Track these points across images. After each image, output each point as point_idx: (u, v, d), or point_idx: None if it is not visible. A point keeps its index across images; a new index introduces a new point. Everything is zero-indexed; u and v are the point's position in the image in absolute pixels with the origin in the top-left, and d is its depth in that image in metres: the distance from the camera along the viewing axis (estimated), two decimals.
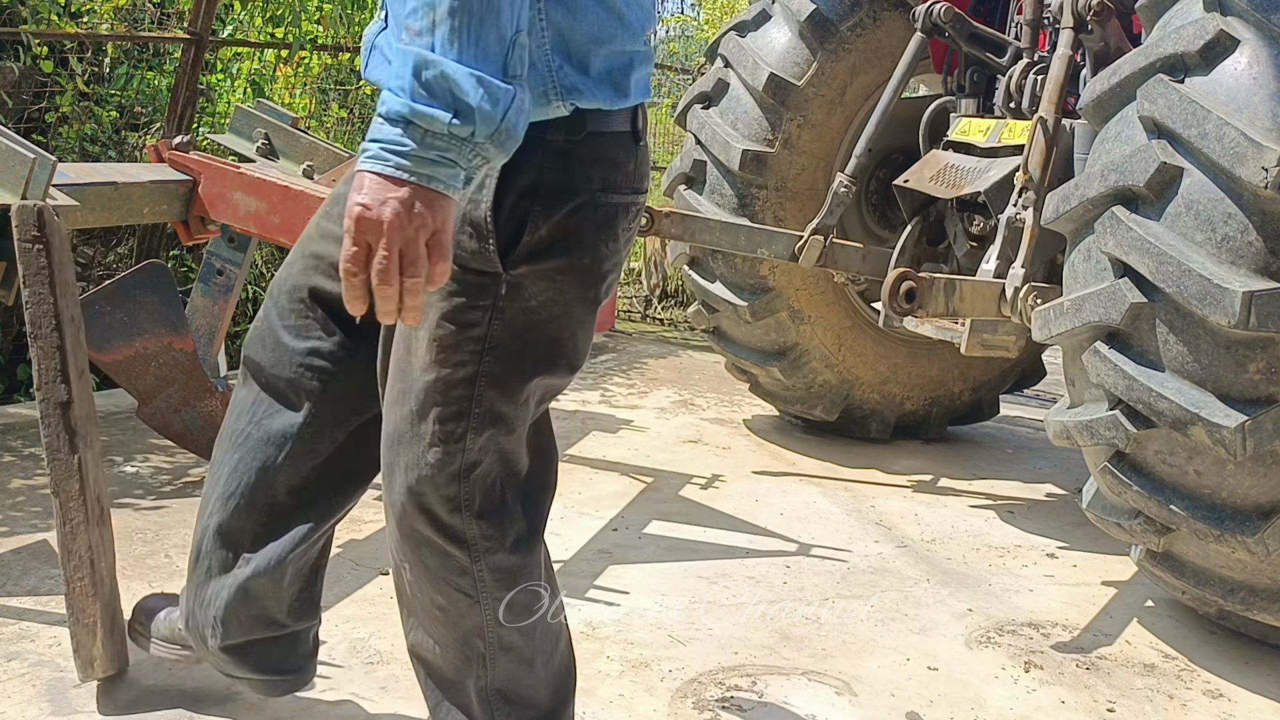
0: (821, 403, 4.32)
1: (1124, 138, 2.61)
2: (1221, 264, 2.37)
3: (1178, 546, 2.68)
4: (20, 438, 3.75)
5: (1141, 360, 2.52)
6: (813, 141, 4.05)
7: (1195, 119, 2.40)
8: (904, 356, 4.36)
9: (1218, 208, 2.39)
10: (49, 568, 2.76)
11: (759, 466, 4.06)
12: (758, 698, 2.44)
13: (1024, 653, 2.77)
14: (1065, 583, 3.24)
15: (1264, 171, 2.28)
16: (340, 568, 2.86)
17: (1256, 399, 2.40)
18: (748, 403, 4.88)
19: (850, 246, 3.86)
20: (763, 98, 3.98)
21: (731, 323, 4.22)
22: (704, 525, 3.43)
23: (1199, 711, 2.56)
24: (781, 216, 4.05)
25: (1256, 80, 2.37)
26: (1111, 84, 2.66)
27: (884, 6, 4.04)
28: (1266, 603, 2.62)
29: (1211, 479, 2.49)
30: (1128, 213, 2.52)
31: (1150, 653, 2.83)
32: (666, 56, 10.22)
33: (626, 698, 2.39)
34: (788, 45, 4.03)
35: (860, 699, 2.47)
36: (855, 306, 4.25)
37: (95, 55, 4.87)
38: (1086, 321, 2.59)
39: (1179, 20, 2.57)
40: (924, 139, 3.94)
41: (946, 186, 3.61)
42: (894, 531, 3.53)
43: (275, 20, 5.50)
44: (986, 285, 3.16)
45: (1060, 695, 2.58)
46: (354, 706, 2.25)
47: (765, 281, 4.11)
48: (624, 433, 4.34)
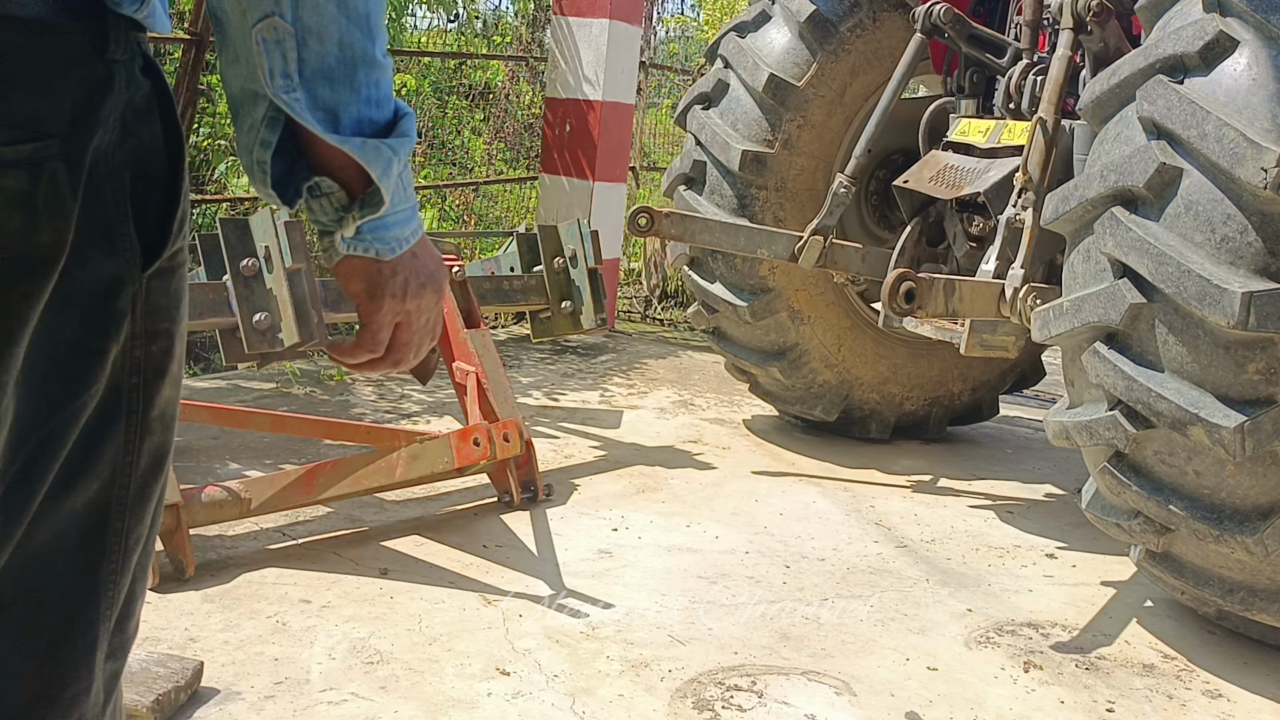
0: (821, 403, 4.32)
1: (1123, 138, 2.61)
2: (1221, 264, 2.37)
3: (1177, 547, 2.68)
4: None
5: (1141, 361, 2.52)
6: (812, 142, 4.05)
7: (1195, 120, 2.40)
8: (904, 357, 4.36)
9: (1217, 208, 2.39)
10: None
11: (759, 466, 4.06)
12: (758, 698, 2.44)
13: (1023, 653, 2.77)
14: (1064, 583, 3.25)
15: (1263, 172, 2.29)
16: (340, 567, 2.87)
17: (1255, 399, 2.40)
18: (748, 403, 4.88)
19: (850, 247, 3.86)
20: (762, 98, 3.98)
21: (731, 323, 4.22)
22: (704, 525, 3.43)
23: (1198, 711, 2.56)
24: (781, 217, 4.05)
25: (1256, 81, 2.37)
26: (1111, 85, 2.66)
27: (884, 7, 4.04)
28: (1266, 603, 2.62)
29: (1211, 479, 2.49)
30: (1127, 213, 2.52)
31: (1149, 653, 2.84)
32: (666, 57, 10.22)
33: (626, 698, 2.39)
34: (787, 46, 4.03)
35: (860, 699, 2.47)
36: (855, 307, 4.25)
37: None
38: (1086, 322, 2.59)
39: (1178, 21, 2.58)
40: (924, 140, 3.94)
41: (946, 187, 3.61)
42: (893, 531, 3.53)
43: None
44: (986, 286, 3.16)
45: (1060, 695, 2.58)
46: (354, 706, 2.25)
47: (765, 282, 4.11)
48: (624, 433, 4.34)
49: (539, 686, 2.40)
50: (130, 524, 0.96)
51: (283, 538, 3.03)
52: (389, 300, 1.04)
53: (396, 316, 1.05)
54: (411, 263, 1.04)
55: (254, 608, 2.61)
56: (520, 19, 7.67)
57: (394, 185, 0.97)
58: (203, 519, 2.80)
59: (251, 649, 2.43)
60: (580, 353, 5.71)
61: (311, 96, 0.92)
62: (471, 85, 7.49)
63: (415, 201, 1.04)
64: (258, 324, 2.89)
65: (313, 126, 0.92)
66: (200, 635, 2.46)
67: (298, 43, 0.90)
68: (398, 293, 1.04)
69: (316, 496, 2.96)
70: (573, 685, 2.41)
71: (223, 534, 2.99)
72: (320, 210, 0.99)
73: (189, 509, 2.76)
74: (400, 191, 0.99)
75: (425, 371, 4.16)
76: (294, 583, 2.76)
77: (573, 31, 5.97)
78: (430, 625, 2.61)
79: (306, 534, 3.07)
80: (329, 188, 0.98)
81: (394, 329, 1.07)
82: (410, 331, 1.07)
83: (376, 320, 1.05)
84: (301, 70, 0.91)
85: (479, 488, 3.52)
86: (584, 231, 3.86)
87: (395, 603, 2.71)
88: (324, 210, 0.99)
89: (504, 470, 3.41)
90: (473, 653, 2.51)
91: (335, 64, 0.92)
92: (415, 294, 1.05)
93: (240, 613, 2.58)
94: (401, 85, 6.49)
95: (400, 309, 1.05)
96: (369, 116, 0.95)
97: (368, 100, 0.95)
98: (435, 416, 4.28)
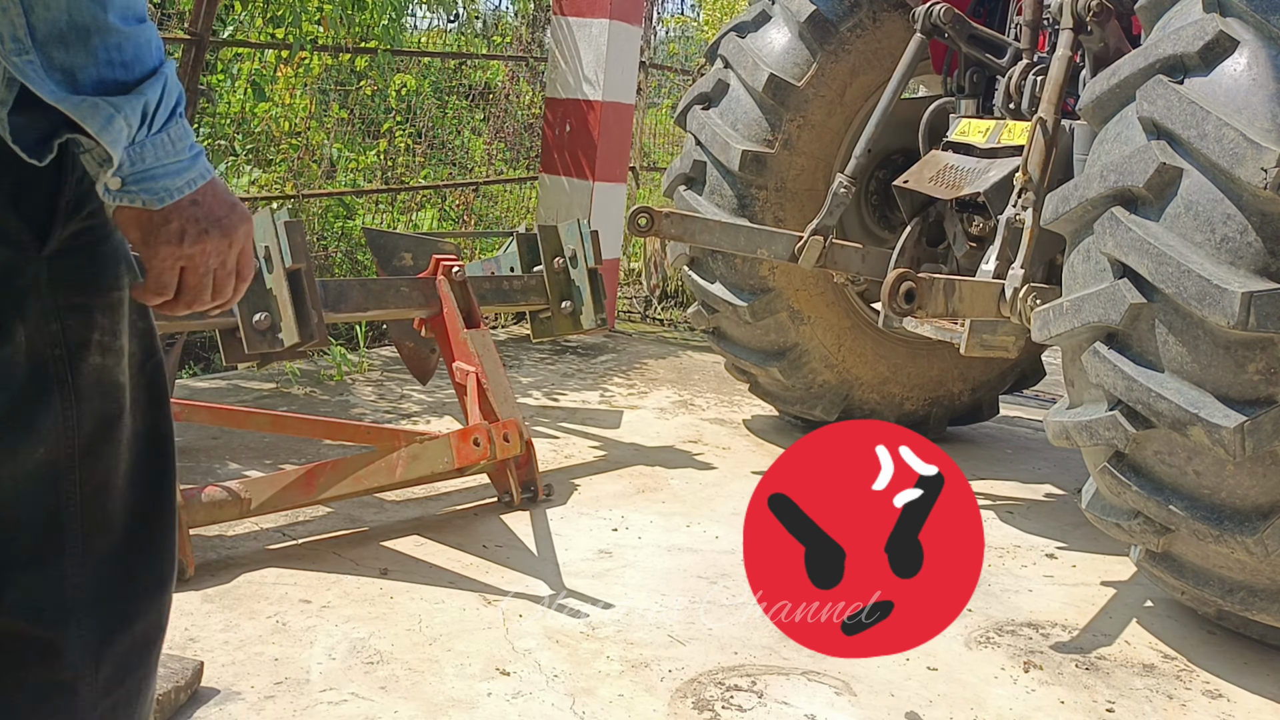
0: (821, 403, 4.32)
1: (1123, 138, 2.61)
2: (1221, 264, 2.37)
3: (1177, 547, 2.68)
4: None
5: (1141, 361, 2.52)
6: (812, 142, 4.05)
7: (1194, 120, 2.40)
8: (904, 357, 4.36)
9: (1217, 208, 2.39)
10: None
11: (759, 466, 4.06)
12: (758, 698, 2.44)
13: (1023, 653, 2.77)
14: (1064, 583, 3.25)
15: (1263, 172, 2.29)
16: (340, 567, 2.87)
17: (1255, 399, 2.40)
18: (748, 403, 4.88)
19: (850, 247, 3.86)
20: (762, 98, 3.98)
21: (731, 323, 4.23)
22: (704, 525, 3.43)
23: (1198, 711, 2.56)
24: (781, 217, 4.05)
25: (1256, 81, 2.37)
26: (1111, 85, 2.66)
27: (884, 7, 4.04)
28: (1266, 603, 2.62)
29: (1211, 479, 2.49)
30: (1127, 213, 2.52)
31: (1149, 653, 2.84)
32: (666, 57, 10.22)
33: (626, 698, 2.39)
34: (787, 46, 4.03)
35: (859, 699, 2.47)
36: (855, 307, 4.25)
37: None
38: (1086, 322, 2.59)
39: (1178, 21, 2.58)
40: (924, 140, 3.94)
41: (946, 187, 3.62)
42: None
43: (275, 21, 5.50)
44: (986, 286, 3.16)
45: (1060, 695, 2.58)
46: (354, 706, 2.25)
47: (765, 282, 4.11)
48: (624, 433, 4.34)
49: (539, 686, 2.40)
50: (84, 477, 1.11)
51: (283, 538, 3.03)
52: (164, 246, 1.08)
53: (179, 261, 1.10)
54: (190, 209, 1.08)
55: (254, 608, 2.61)
56: (520, 19, 7.68)
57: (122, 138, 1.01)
58: (203, 519, 2.80)
59: (251, 649, 2.43)
60: (580, 353, 5.71)
61: (47, 58, 0.97)
62: (471, 85, 7.50)
63: (194, 152, 1.08)
64: (258, 324, 2.89)
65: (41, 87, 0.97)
66: (200, 635, 2.46)
67: (24, 9, 0.95)
68: (173, 239, 1.08)
69: (316, 496, 2.96)
70: (573, 685, 2.41)
71: (223, 534, 2.99)
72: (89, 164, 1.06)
73: (189, 509, 2.76)
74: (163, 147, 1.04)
75: (425, 371, 4.16)
76: (294, 583, 2.76)
77: (573, 31, 5.97)
78: (430, 625, 2.61)
79: (306, 534, 3.07)
80: (87, 145, 1.03)
81: (180, 273, 1.11)
82: (198, 275, 1.12)
83: (156, 265, 1.10)
84: (33, 35, 0.96)
85: (479, 488, 3.52)
86: (584, 231, 3.86)
87: (395, 603, 2.71)
88: (90, 164, 1.06)
89: (504, 470, 3.41)
90: (473, 653, 2.51)
91: (66, 29, 0.97)
92: (195, 240, 1.09)
93: (240, 613, 2.58)
94: (401, 85, 6.50)
95: (180, 254, 1.09)
96: (112, 78, 0.99)
97: (109, 63, 0.99)
98: (435, 416, 4.28)
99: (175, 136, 1.06)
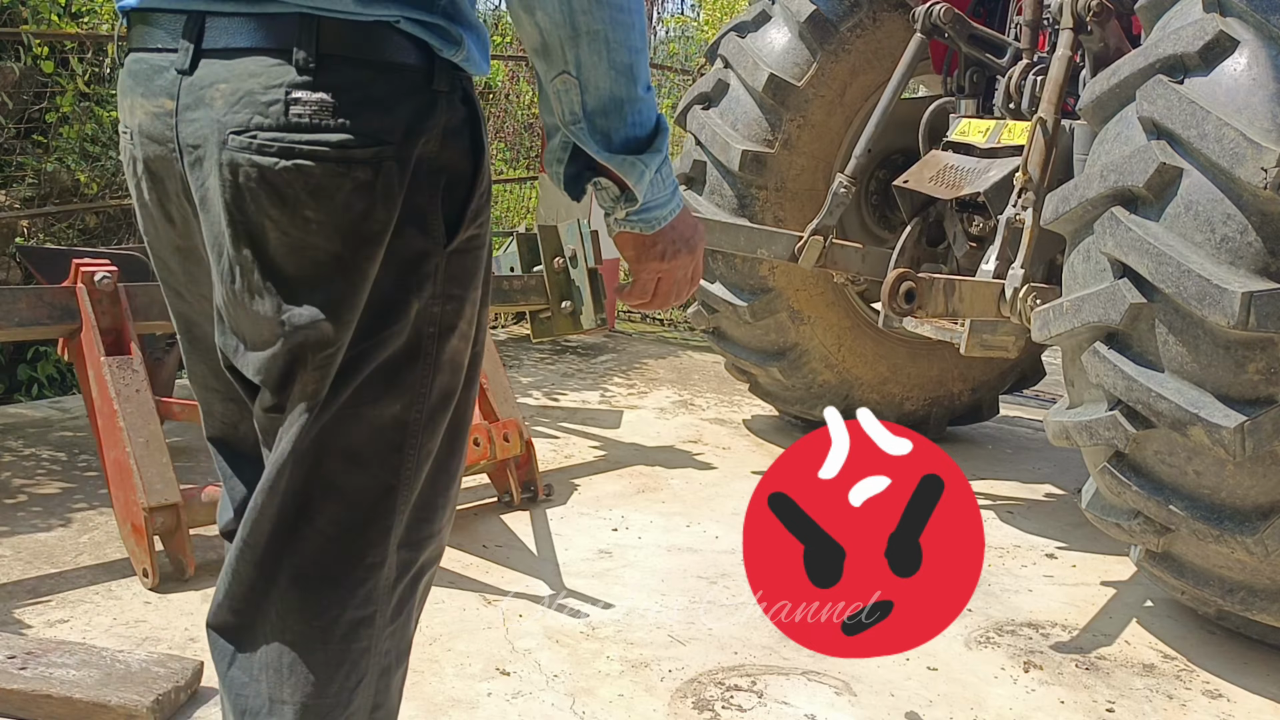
0: (821, 403, 4.31)
1: (1123, 138, 2.61)
2: (1221, 264, 2.37)
3: (1177, 547, 2.68)
4: (20, 438, 3.76)
5: (1141, 360, 2.52)
6: (812, 142, 4.05)
7: (1194, 120, 2.40)
8: (904, 357, 4.36)
9: (1217, 208, 2.39)
10: (48, 567, 2.77)
11: (759, 466, 4.06)
12: (758, 698, 2.44)
13: (1023, 653, 2.77)
14: (1064, 583, 3.25)
15: (1263, 172, 2.29)
16: None
17: (1255, 399, 2.40)
18: (748, 403, 4.88)
19: (850, 247, 3.86)
20: (762, 98, 3.98)
21: (731, 323, 4.23)
22: (704, 525, 3.43)
23: (1198, 711, 2.56)
24: (781, 217, 4.05)
25: (1256, 81, 2.37)
26: (1111, 85, 2.66)
27: (884, 7, 4.04)
28: (1266, 603, 2.62)
29: (1211, 479, 2.49)
30: (1127, 213, 2.52)
31: (1149, 653, 2.84)
32: (666, 57, 10.21)
33: (626, 698, 2.39)
34: (787, 46, 4.03)
35: (859, 699, 2.47)
36: (855, 307, 4.25)
37: (96, 55, 4.88)
38: (1086, 322, 2.59)
39: (1178, 21, 2.58)
40: (924, 140, 3.94)
41: (946, 187, 3.62)
42: None
43: None
44: (986, 286, 3.16)
45: (1060, 695, 2.58)
46: None
47: (765, 282, 4.11)
48: (624, 433, 4.34)
49: (539, 686, 2.40)
50: (424, 440, 1.29)
51: None
52: (651, 263, 1.38)
53: (658, 273, 1.40)
54: (669, 233, 1.37)
55: None
56: None
57: (646, 186, 1.30)
58: (203, 519, 2.80)
59: None
60: (580, 353, 5.71)
61: (591, 126, 1.25)
62: None
63: (673, 187, 1.36)
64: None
65: (590, 149, 1.26)
66: (200, 635, 2.46)
67: (581, 91, 1.23)
68: (657, 257, 1.38)
69: None
70: (573, 685, 2.41)
71: None
72: (602, 199, 1.34)
73: (189, 509, 2.76)
74: (658, 186, 1.32)
75: None
76: None
77: None
78: (430, 625, 2.61)
79: None
80: (605, 185, 1.31)
81: (656, 282, 1.41)
82: (670, 283, 1.42)
83: (642, 277, 1.41)
84: (584, 109, 1.24)
85: (479, 488, 3.52)
86: (584, 231, 3.85)
87: None
88: (604, 199, 1.33)
89: (504, 470, 3.41)
90: (473, 653, 2.51)
91: (608, 103, 1.23)
92: (671, 256, 1.39)
93: None
94: None
95: (660, 268, 1.39)
96: (633, 136, 1.27)
97: (632, 125, 1.26)
98: None
99: (665, 176, 1.32)
